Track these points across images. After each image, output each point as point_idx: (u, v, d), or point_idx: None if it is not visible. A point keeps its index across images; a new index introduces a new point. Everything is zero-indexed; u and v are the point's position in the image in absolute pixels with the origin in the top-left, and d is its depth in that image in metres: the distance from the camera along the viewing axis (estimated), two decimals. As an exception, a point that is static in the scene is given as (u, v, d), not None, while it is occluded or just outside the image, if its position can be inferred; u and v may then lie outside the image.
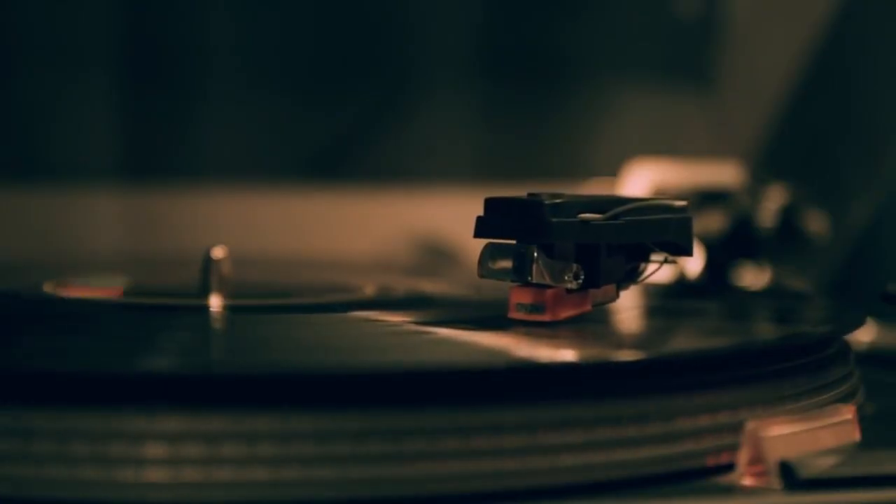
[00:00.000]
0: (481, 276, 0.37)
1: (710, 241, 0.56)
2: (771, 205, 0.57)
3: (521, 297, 0.37)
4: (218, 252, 0.44)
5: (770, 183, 0.59)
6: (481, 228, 0.37)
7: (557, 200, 0.36)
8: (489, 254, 0.37)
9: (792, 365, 0.35)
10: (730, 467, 0.32)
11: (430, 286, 0.49)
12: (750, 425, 0.32)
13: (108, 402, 0.29)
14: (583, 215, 0.36)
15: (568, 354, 0.34)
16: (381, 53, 0.74)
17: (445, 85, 0.74)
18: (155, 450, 0.29)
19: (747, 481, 0.32)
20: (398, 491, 0.29)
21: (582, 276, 0.37)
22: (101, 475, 0.29)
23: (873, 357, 0.48)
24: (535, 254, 0.36)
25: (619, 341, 0.38)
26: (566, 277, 0.37)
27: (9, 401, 0.29)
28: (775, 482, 0.31)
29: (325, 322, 0.40)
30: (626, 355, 0.35)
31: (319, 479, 0.29)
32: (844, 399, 0.37)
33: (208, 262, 0.44)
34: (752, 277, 0.56)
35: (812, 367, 0.36)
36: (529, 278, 0.36)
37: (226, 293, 0.44)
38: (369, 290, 0.48)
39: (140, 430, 0.29)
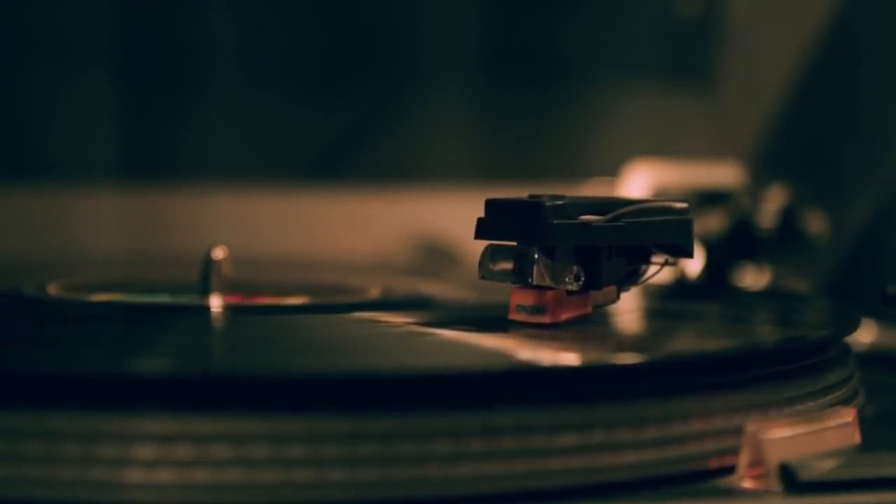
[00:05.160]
0: (482, 277, 0.37)
1: (710, 241, 0.56)
2: (771, 205, 0.57)
3: (522, 298, 0.37)
4: (218, 252, 0.44)
5: (770, 183, 0.59)
6: (482, 230, 0.37)
7: (558, 202, 0.36)
8: (490, 255, 0.37)
9: (792, 367, 0.35)
10: (730, 470, 0.32)
11: (430, 287, 0.49)
12: (750, 428, 0.32)
13: (105, 404, 0.29)
14: (583, 217, 0.36)
15: (568, 357, 0.34)
16: (382, 53, 0.74)
17: (446, 85, 0.74)
18: (152, 451, 0.29)
19: (748, 484, 0.32)
20: (394, 494, 0.29)
21: (582, 278, 0.37)
22: (101, 476, 0.29)
23: (874, 358, 0.48)
24: (536, 255, 0.36)
25: (620, 343, 0.38)
26: (567, 279, 0.37)
27: (4, 402, 0.29)
28: (776, 485, 0.31)
29: (325, 323, 0.40)
30: (627, 358, 0.35)
31: (321, 481, 0.29)
32: (845, 401, 0.37)
33: (208, 262, 0.44)
34: (752, 278, 0.56)
35: (812, 370, 0.36)
36: (530, 280, 0.36)
37: (226, 293, 0.44)
38: (369, 290, 0.47)
39: (138, 431, 0.29)
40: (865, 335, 0.50)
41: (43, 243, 0.69)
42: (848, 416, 0.34)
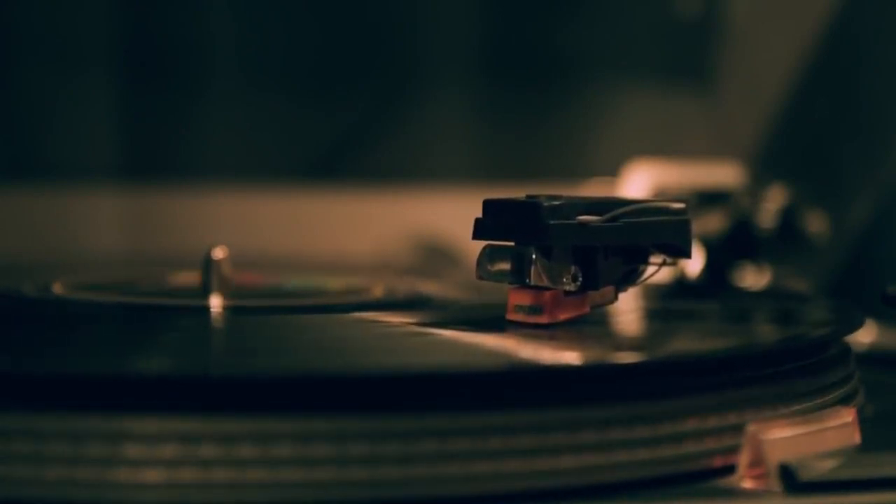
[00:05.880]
0: (480, 277, 0.37)
1: (710, 241, 0.56)
2: (771, 205, 0.57)
3: (520, 298, 0.37)
4: (218, 252, 0.44)
5: (770, 183, 0.59)
6: (480, 230, 0.37)
7: (555, 202, 0.36)
8: (488, 256, 0.37)
9: (792, 367, 0.35)
10: (730, 470, 0.32)
11: (429, 287, 0.49)
12: (750, 428, 0.32)
13: (104, 404, 0.29)
14: (581, 217, 0.36)
15: (566, 357, 0.34)
16: (382, 53, 0.74)
17: (446, 85, 0.74)
18: (152, 452, 0.29)
19: (748, 484, 0.32)
20: (389, 493, 0.29)
21: (580, 278, 0.37)
22: (101, 476, 0.29)
23: (874, 358, 0.48)
24: (534, 256, 0.36)
25: (618, 343, 0.38)
26: (564, 279, 0.37)
27: (3, 402, 0.29)
28: (776, 485, 0.31)
29: (325, 323, 0.40)
30: (625, 357, 0.35)
31: (319, 481, 0.29)
32: (845, 401, 0.37)
33: (208, 262, 0.44)
34: (752, 278, 0.56)
35: (812, 370, 0.36)
36: (528, 280, 0.36)
37: (226, 293, 0.44)
38: (370, 291, 0.48)
39: (137, 431, 0.29)
40: (865, 335, 0.50)
41: (43, 243, 0.69)
42: (848, 416, 0.34)
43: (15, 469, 0.29)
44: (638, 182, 0.61)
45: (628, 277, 0.39)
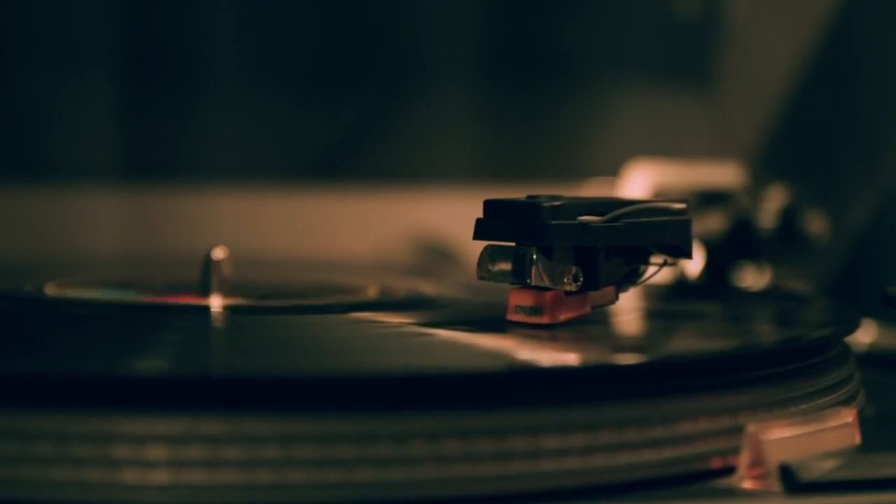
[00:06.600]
0: (480, 278, 0.37)
1: (710, 241, 0.56)
2: (771, 205, 0.57)
3: (521, 299, 0.37)
4: (218, 252, 0.44)
5: (770, 183, 0.59)
6: (481, 230, 0.37)
7: (556, 203, 0.36)
8: (488, 256, 0.37)
9: (792, 367, 0.35)
10: (730, 470, 0.32)
11: (429, 287, 0.49)
12: (750, 428, 0.32)
13: (103, 405, 0.29)
14: (582, 218, 0.36)
15: (567, 357, 0.34)
16: (382, 53, 0.74)
17: (446, 85, 0.74)
18: (151, 452, 0.29)
19: (748, 484, 0.32)
20: (390, 494, 0.29)
21: (581, 279, 0.37)
22: (99, 476, 0.29)
23: (874, 358, 0.48)
24: (535, 256, 0.36)
25: (619, 344, 0.38)
26: (565, 280, 0.37)
27: (2, 402, 0.29)
28: (776, 485, 0.31)
29: (325, 323, 0.40)
30: (626, 358, 0.35)
31: (321, 482, 0.29)
32: (845, 402, 0.37)
33: (208, 262, 0.44)
34: (753, 278, 0.56)
35: (812, 370, 0.36)
36: (528, 281, 0.36)
37: (226, 293, 0.44)
38: (369, 291, 0.48)
39: (137, 432, 0.29)
40: (865, 335, 0.50)
41: (43, 243, 0.69)
42: (848, 416, 0.34)
43: (15, 469, 0.29)
44: (638, 182, 0.61)
45: (629, 278, 0.39)
